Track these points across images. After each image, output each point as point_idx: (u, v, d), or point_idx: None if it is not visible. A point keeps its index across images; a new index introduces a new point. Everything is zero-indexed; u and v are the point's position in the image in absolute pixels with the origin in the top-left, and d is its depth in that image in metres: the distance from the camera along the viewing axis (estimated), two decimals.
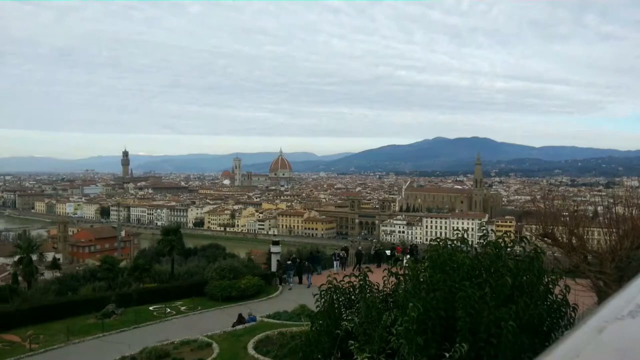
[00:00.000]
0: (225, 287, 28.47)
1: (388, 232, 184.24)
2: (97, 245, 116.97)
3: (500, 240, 7.58)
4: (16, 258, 35.75)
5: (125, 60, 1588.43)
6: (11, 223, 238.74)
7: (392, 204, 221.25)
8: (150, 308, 26.68)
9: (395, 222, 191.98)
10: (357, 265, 33.84)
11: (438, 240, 7.77)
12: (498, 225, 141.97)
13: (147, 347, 19.18)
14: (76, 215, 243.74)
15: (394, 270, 7.73)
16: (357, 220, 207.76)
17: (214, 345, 19.51)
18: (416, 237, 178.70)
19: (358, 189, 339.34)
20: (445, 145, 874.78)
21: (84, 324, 23.99)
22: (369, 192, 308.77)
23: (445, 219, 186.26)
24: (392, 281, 7.88)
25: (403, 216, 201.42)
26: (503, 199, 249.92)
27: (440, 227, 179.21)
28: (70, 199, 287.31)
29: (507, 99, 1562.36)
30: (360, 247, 43.23)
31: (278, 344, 18.39)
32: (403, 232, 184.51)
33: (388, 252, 36.96)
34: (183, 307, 27.06)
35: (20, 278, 37.51)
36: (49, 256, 72.44)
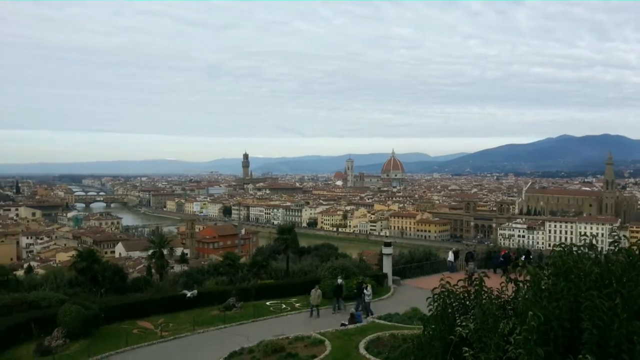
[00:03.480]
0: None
1: (506, 236, 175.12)
2: (220, 242, 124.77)
3: (635, 248, 6.86)
4: (150, 252, 39.06)
5: (265, 71, 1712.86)
6: (146, 220, 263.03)
7: (510, 207, 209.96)
8: (267, 303, 27.85)
9: (514, 225, 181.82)
10: (467, 270, 32.64)
11: (562, 245, 7.23)
12: (632, 231, 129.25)
13: (263, 340, 20.04)
14: (202, 214, 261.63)
15: (512, 276, 7.34)
16: (472, 223, 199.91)
17: (327, 342, 19.86)
18: (537, 242, 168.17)
19: (474, 190, 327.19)
20: (571, 144, 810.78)
21: (208, 315, 25.66)
22: (485, 193, 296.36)
23: (571, 223, 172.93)
24: (510, 287, 7.48)
25: (523, 219, 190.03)
26: (638, 202, 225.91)
27: (565, 232, 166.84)
28: (197, 198, 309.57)
29: None
30: (473, 250, 41.55)
31: (389, 345, 18.25)
32: (523, 236, 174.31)
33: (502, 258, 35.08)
34: (297, 304, 27.90)
35: (153, 270, 41.08)
36: (178, 251, 78.64)
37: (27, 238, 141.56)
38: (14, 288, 28.39)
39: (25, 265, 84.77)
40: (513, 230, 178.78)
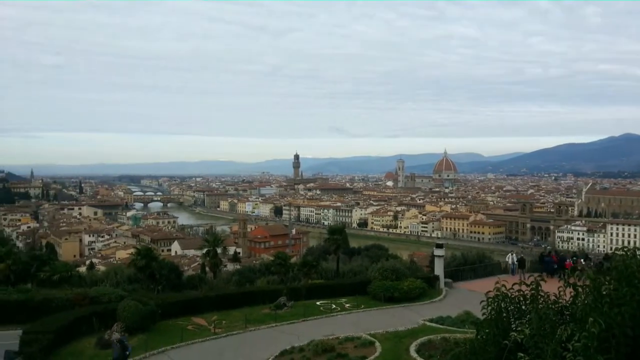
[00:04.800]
0: (387, 287, 28.65)
1: (565, 239, 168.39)
2: (271, 241, 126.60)
3: None
4: (204, 250, 40.05)
5: (321, 73, 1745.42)
6: (201, 219, 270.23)
7: (569, 208, 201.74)
8: (317, 303, 27.95)
9: (573, 228, 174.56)
10: (522, 273, 31.62)
11: (625, 249, 6.89)
12: None
13: (314, 339, 20.16)
14: (254, 214, 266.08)
15: (571, 280, 7.06)
16: (528, 225, 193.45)
17: (377, 344, 19.75)
18: (598, 246, 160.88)
19: (530, 191, 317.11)
20: (635, 143, 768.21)
21: (259, 313, 26.04)
22: (542, 194, 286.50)
23: (635, 225, 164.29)
24: (568, 292, 7.20)
25: (583, 222, 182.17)
26: None
27: (629, 235, 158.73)
28: (249, 198, 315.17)
29: None
30: (521, 254, 40.20)
31: (441, 349, 17.95)
32: (583, 239, 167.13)
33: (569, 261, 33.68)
34: (347, 305, 27.87)
35: (207, 268, 42.08)
36: (231, 250, 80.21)
37: (89, 236, 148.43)
38: (77, 283, 29.80)
39: (88, 262, 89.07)
40: (572, 232, 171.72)
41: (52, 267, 30.47)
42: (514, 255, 36.43)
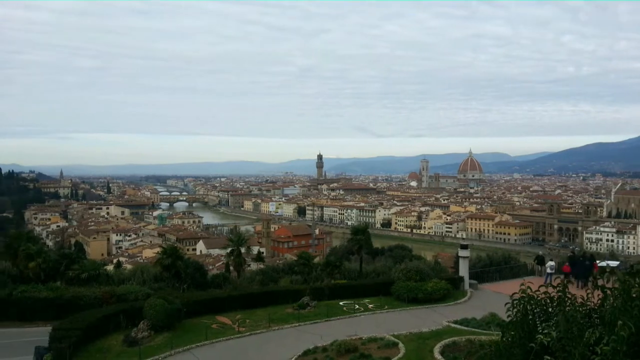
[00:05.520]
0: (411, 288, 28.46)
1: (593, 241, 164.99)
2: (294, 241, 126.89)
3: None
4: (229, 250, 40.46)
5: (351, 73, 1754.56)
6: (225, 219, 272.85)
7: (598, 209, 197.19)
8: (340, 303, 27.95)
9: (602, 229, 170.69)
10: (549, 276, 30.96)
11: None
12: None
13: (337, 339, 20.15)
14: (277, 214, 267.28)
15: (600, 282, 6.92)
16: (555, 226, 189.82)
17: (400, 345, 19.64)
18: (628, 247, 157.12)
19: (557, 191, 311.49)
20: None
21: (283, 313, 26.15)
22: (570, 195, 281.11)
23: None
24: (597, 295, 7.06)
25: (612, 223, 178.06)
26: None
27: None
28: (273, 198, 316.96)
29: None
30: (541, 253, 39.39)
31: (465, 351, 17.74)
32: (612, 240, 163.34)
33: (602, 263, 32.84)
34: (370, 305, 27.78)
35: (231, 268, 42.46)
36: (255, 250, 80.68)
37: (117, 235, 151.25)
38: (105, 282, 30.32)
39: (115, 261, 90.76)
40: (601, 234, 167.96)
41: (81, 266, 31.07)
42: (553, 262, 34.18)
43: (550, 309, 7.58)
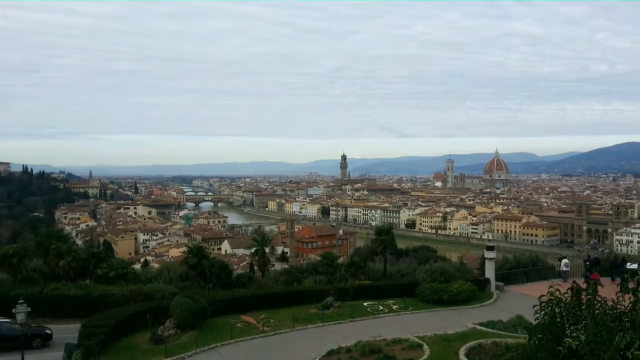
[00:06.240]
0: (436, 289, 28.21)
1: (624, 242, 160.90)
2: (318, 241, 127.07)
3: None
4: (253, 250, 40.69)
5: (379, 74, 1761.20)
6: (249, 219, 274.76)
7: (629, 210, 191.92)
8: (365, 304, 27.87)
9: (633, 230, 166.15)
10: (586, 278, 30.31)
11: None
12: None
13: (361, 340, 20.09)
14: (301, 214, 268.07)
15: (630, 285, 6.75)
16: (584, 228, 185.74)
17: (425, 347, 19.47)
18: None
19: (586, 192, 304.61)
20: None
21: (307, 313, 26.20)
22: (599, 196, 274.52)
23: None
24: (628, 298, 6.90)
25: None
26: None
27: None
28: (297, 199, 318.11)
29: None
30: (590, 256, 38.53)
31: (491, 354, 17.50)
32: None
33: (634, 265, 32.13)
34: (395, 306, 27.63)
35: (255, 267, 42.72)
36: (279, 250, 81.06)
37: (144, 234, 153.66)
38: (132, 280, 30.87)
39: (142, 260, 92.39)
40: (632, 235, 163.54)
41: (109, 264, 31.67)
42: (567, 260, 35.14)
43: (579, 312, 7.43)
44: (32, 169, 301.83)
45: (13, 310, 18.64)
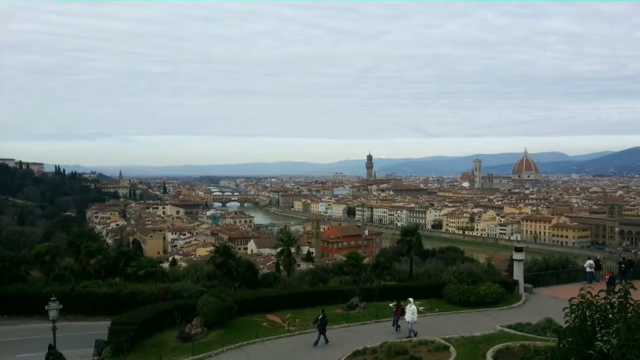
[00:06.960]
0: (463, 291, 27.89)
1: None
2: (344, 242, 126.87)
3: None
4: (279, 250, 40.90)
5: (409, 73, 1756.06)
6: (275, 219, 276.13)
7: None
8: (390, 305, 27.64)
9: None
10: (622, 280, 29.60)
11: None
12: None
13: (386, 341, 20.02)
14: (327, 214, 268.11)
15: None
16: (617, 229, 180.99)
17: (452, 349, 19.27)
18: None
19: (619, 192, 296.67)
20: None
21: (332, 313, 26.14)
22: (633, 196, 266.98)
23: None
24: None
25: None
26: None
27: None
28: (322, 199, 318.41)
29: None
30: (624, 258, 37.54)
31: (519, 357, 17.20)
32: None
33: None
34: (421, 308, 27.34)
35: (281, 267, 42.92)
36: (304, 250, 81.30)
37: (172, 234, 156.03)
38: (160, 279, 31.34)
39: (170, 259, 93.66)
40: None
41: (138, 263, 32.24)
42: (591, 261, 34.23)
43: (610, 316, 7.26)
44: (64, 170, 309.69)
45: (46, 307, 19.20)
